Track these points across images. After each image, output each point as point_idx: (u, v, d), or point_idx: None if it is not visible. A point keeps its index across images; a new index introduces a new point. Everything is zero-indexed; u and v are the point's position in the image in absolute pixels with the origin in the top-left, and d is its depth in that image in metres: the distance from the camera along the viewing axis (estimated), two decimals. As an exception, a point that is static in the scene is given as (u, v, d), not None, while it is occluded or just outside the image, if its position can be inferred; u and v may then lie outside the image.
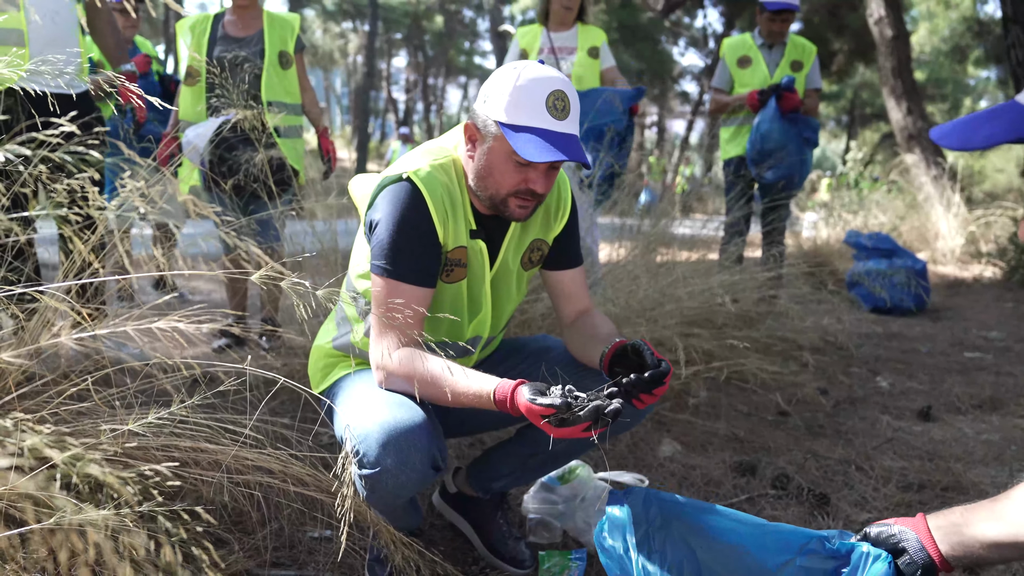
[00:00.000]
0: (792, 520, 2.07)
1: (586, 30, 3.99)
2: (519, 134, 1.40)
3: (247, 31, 3.29)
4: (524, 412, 1.27)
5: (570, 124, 1.44)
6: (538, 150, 1.38)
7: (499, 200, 1.50)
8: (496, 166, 1.47)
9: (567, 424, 1.24)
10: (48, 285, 1.48)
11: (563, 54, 3.98)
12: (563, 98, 1.42)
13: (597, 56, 3.96)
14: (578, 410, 1.23)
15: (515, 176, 1.46)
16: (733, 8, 20.52)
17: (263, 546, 1.76)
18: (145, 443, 1.55)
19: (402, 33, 32.06)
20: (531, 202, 1.50)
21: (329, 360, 1.72)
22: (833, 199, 8.98)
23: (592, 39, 3.97)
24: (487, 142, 1.47)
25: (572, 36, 3.99)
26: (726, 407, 2.98)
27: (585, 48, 3.94)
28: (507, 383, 1.32)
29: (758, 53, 4.34)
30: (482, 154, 1.48)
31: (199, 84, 3.22)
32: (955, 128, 0.97)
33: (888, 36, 9.55)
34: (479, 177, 1.51)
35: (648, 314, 2.98)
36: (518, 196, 1.48)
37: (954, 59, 23.09)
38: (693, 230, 4.31)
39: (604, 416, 1.23)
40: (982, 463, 2.52)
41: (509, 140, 1.41)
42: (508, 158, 1.45)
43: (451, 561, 1.78)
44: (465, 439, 2.44)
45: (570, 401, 1.24)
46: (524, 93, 1.41)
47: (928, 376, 3.63)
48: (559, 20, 3.96)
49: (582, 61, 3.93)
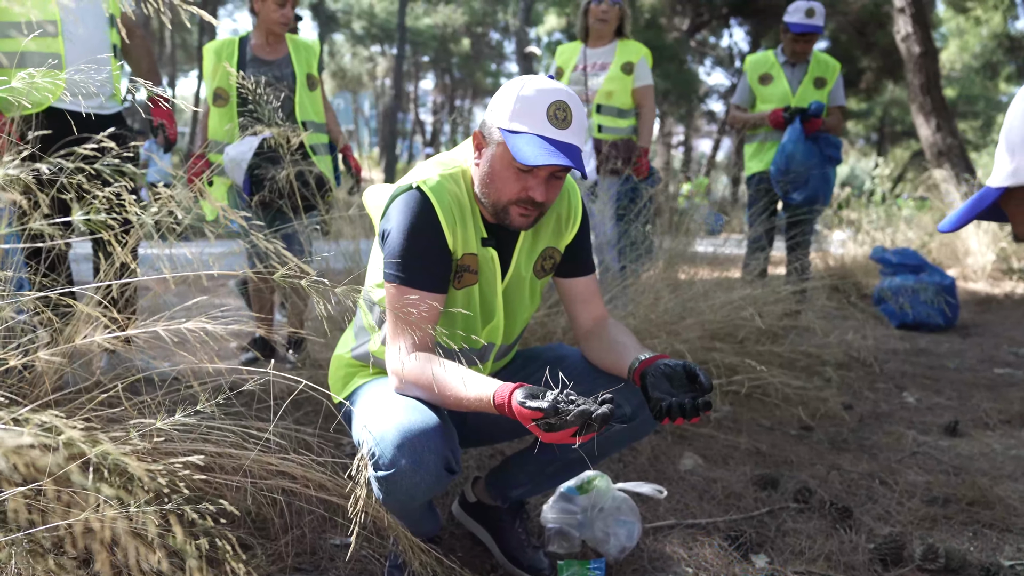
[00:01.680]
0: (814, 533, 2.06)
1: (625, 45, 3.97)
2: (518, 137, 1.45)
3: (276, 55, 3.39)
4: (516, 415, 1.29)
5: (571, 134, 1.47)
6: (533, 153, 1.42)
7: (500, 207, 1.53)
8: (498, 172, 1.50)
9: (555, 429, 1.24)
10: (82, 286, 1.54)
11: (595, 70, 3.97)
12: (564, 108, 1.46)
13: (631, 72, 3.92)
14: (565, 415, 1.23)
15: (515, 184, 1.49)
16: (759, 27, 20.53)
17: (285, 552, 1.79)
18: (172, 448, 1.60)
19: (429, 56, 32.53)
20: (532, 212, 1.53)
21: (348, 370, 1.75)
22: (861, 216, 8.88)
23: (629, 55, 3.94)
24: (491, 148, 1.52)
25: (609, 52, 3.98)
26: (748, 421, 2.97)
27: (620, 63, 3.93)
28: (506, 386, 1.34)
29: (780, 71, 4.36)
30: (486, 161, 1.53)
31: (230, 105, 3.32)
32: (952, 216, 1.01)
33: (916, 53, 9.48)
34: (483, 184, 1.54)
35: (669, 327, 2.98)
36: (519, 204, 1.51)
37: (985, 76, 22.82)
38: (716, 247, 4.32)
39: (591, 422, 1.22)
40: (1010, 478, 2.48)
41: (508, 144, 1.45)
42: (509, 165, 1.49)
43: (470, 568, 1.80)
44: (485, 449, 2.47)
45: (559, 406, 1.23)
46: (527, 102, 1.46)
47: (956, 392, 3.58)
48: (597, 36, 3.97)
49: (614, 76, 3.92)
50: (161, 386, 1.84)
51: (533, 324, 2.92)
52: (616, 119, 3.97)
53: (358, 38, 30.84)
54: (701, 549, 1.96)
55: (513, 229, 1.57)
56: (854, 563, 1.90)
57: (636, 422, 1.60)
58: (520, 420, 1.28)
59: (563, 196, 1.70)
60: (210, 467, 1.62)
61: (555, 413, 1.23)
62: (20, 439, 0.78)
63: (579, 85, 3.99)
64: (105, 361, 2.48)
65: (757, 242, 4.30)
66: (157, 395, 1.74)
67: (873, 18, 18.00)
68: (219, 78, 3.31)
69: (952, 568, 1.87)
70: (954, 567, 1.87)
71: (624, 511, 1.94)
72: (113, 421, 1.62)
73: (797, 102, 4.25)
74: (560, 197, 1.70)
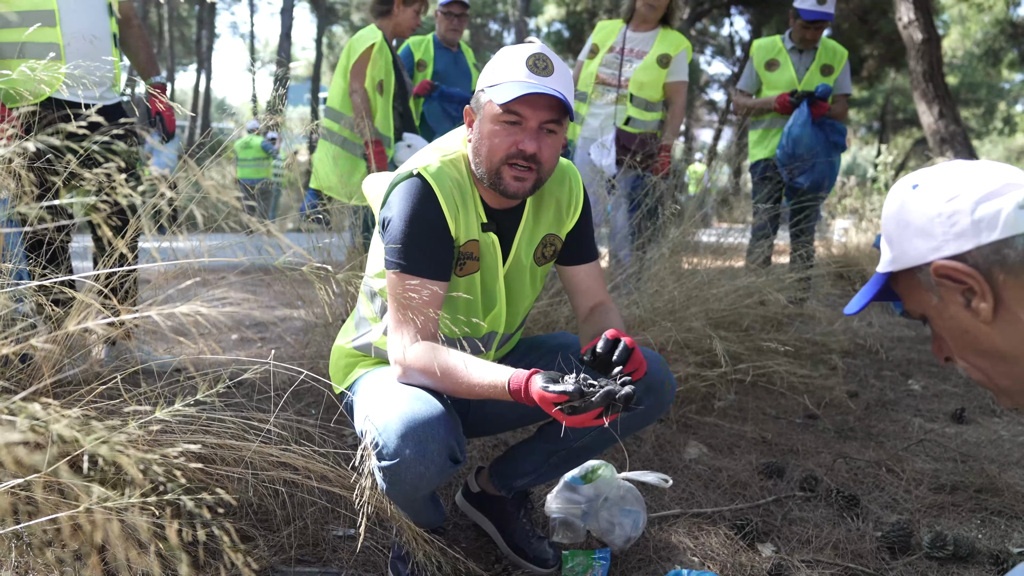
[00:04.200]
0: (820, 521, 2.04)
1: (666, 35, 3.82)
2: (499, 86, 1.45)
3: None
4: (537, 400, 1.28)
5: (554, 81, 1.45)
6: (514, 90, 1.41)
7: (494, 173, 1.49)
8: (486, 133, 1.49)
9: (579, 412, 1.24)
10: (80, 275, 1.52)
11: (630, 56, 3.83)
12: (544, 58, 1.45)
13: (667, 65, 3.79)
14: (590, 397, 1.23)
15: (505, 139, 1.47)
16: (760, 16, 20.41)
17: (287, 543, 1.77)
18: (172, 439, 1.58)
19: (429, 47, 32.33)
20: (527, 174, 1.48)
21: (349, 360, 1.73)
22: (864, 204, 8.84)
23: (668, 47, 3.79)
24: (479, 114, 1.51)
25: (649, 39, 3.83)
26: (753, 410, 2.95)
27: (656, 54, 3.79)
28: (521, 372, 1.33)
29: (787, 57, 4.29)
30: (476, 129, 1.52)
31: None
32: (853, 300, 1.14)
33: (918, 40, 9.42)
34: (476, 153, 1.52)
35: (673, 316, 2.96)
36: (512, 165, 1.48)
37: (987, 63, 22.69)
38: (720, 236, 4.28)
39: (616, 402, 1.23)
40: (1018, 465, 2.46)
41: (490, 97, 1.45)
42: (496, 119, 1.47)
43: (474, 559, 1.78)
44: (489, 440, 2.45)
45: (583, 388, 1.24)
46: (505, 59, 1.47)
47: (962, 379, 3.55)
48: (641, 19, 3.82)
49: (647, 66, 3.79)
50: (161, 377, 1.82)
51: (536, 313, 2.89)
52: (644, 112, 3.86)
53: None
54: (707, 538, 1.94)
55: (511, 196, 1.51)
56: (862, 551, 1.89)
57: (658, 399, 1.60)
58: (541, 405, 1.28)
59: (564, 183, 1.68)
60: (211, 458, 1.60)
61: (580, 395, 1.24)
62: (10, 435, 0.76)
63: (612, 69, 3.87)
64: (105, 352, 2.46)
65: (761, 230, 4.26)
66: (157, 386, 1.72)
67: (875, 5, 17.88)
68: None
69: (960, 556, 1.85)
70: (963, 555, 1.85)
71: (629, 500, 1.92)
72: (112, 412, 1.60)
73: (803, 89, 4.20)
74: (561, 183, 1.67)
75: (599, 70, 3.90)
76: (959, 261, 0.96)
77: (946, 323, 1.02)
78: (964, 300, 0.98)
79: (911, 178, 1.04)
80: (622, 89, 3.84)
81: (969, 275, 0.95)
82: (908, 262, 1.03)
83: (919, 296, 1.05)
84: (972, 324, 0.98)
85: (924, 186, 1.01)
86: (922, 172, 1.04)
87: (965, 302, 0.98)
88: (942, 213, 0.97)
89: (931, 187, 1.00)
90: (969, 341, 1.01)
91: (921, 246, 1.00)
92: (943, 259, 0.97)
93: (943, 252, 0.97)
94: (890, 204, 1.06)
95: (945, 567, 1.83)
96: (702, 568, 1.81)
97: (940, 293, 1.00)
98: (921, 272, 1.02)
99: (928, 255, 0.99)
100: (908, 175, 1.06)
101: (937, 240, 0.98)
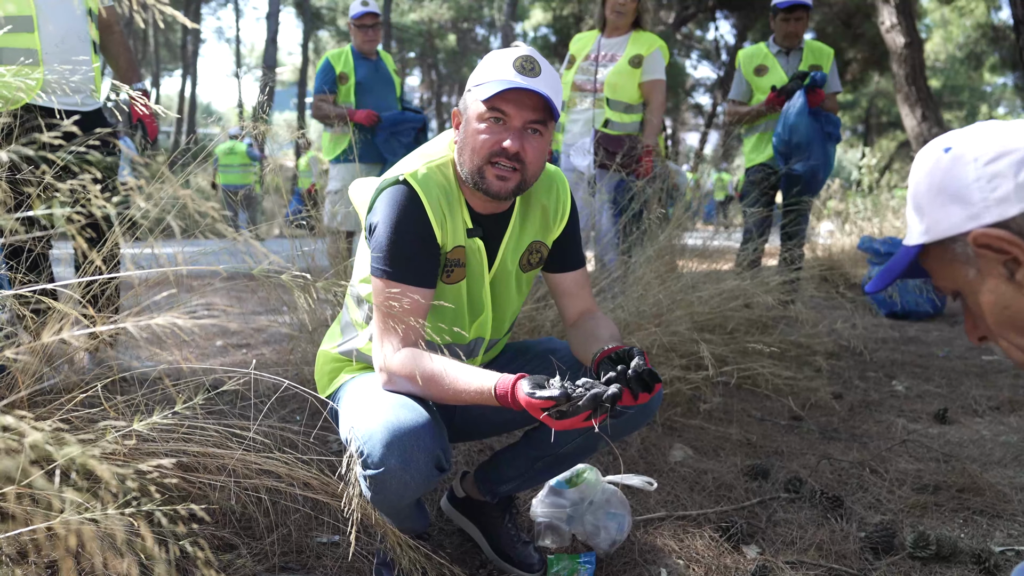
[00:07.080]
0: (805, 523, 2.05)
1: (638, 37, 3.86)
2: (485, 84, 1.46)
3: None
4: (524, 406, 1.28)
5: (541, 83, 1.45)
6: (499, 87, 1.42)
7: (477, 173, 1.49)
8: (472, 132, 1.49)
9: (567, 416, 1.24)
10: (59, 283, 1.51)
11: (604, 61, 3.88)
12: (531, 60, 1.45)
13: (639, 65, 3.81)
14: (577, 400, 1.23)
15: (489, 137, 1.46)
16: (745, 20, 20.54)
17: (271, 551, 1.76)
18: (153, 448, 1.57)
19: (415, 52, 32.37)
20: (509, 174, 1.48)
21: (335, 365, 1.73)
22: (848, 206, 8.90)
23: (640, 47, 3.83)
24: (465, 115, 1.52)
25: (621, 43, 3.88)
26: (738, 412, 2.96)
27: (628, 56, 3.82)
28: (508, 378, 1.33)
29: (774, 60, 4.29)
30: (462, 129, 1.52)
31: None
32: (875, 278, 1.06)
33: (901, 43, 9.51)
34: (460, 153, 1.52)
35: (659, 319, 2.97)
36: (494, 165, 1.47)
37: (969, 66, 22.95)
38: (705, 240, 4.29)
39: (603, 403, 1.23)
40: (1000, 464, 2.48)
41: (476, 94, 1.46)
42: (481, 116, 1.47)
43: (459, 564, 1.77)
44: (474, 445, 2.44)
45: (569, 392, 1.24)
46: (493, 62, 1.48)
47: (945, 379, 3.58)
48: (613, 26, 3.89)
49: (620, 69, 3.81)
50: (143, 385, 1.81)
51: (522, 318, 2.90)
52: (622, 114, 3.86)
53: (343, 35, 30.65)
54: (692, 541, 1.95)
55: (494, 196, 1.50)
56: (845, 552, 1.89)
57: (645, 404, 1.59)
58: (528, 410, 1.27)
59: (551, 190, 1.68)
60: (193, 467, 1.59)
61: (566, 400, 1.23)
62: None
63: (587, 75, 3.91)
64: (88, 360, 2.44)
65: (751, 233, 4.26)
66: (138, 395, 1.71)
67: (859, 9, 18.05)
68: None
69: (943, 555, 1.86)
70: (945, 554, 1.86)
71: (614, 504, 1.92)
72: (92, 421, 1.58)
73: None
74: (548, 190, 1.67)
75: (575, 78, 3.96)
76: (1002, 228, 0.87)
77: (984, 298, 0.92)
78: (1007, 272, 0.89)
79: (942, 140, 0.95)
80: (598, 93, 3.87)
81: (1015, 243, 0.86)
82: (942, 232, 0.93)
83: (953, 270, 0.95)
84: (1015, 299, 0.89)
85: (958, 149, 0.92)
86: (953, 134, 0.95)
87: (1008, 274, 0.89)
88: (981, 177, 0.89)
89: (967, 149, 0.91)
90: (1010, 317, 0.91)
91: (957, 214, 0.91)
92: (983, 227, 0.89)
93: (983, 220, 0.89)
94: (919, 170, 0.97)
95: (928, 567, 1.85)
96: (687, 570, 1.82)
97: (979, 265, 0.92)
98: (957, 243, 0.93)
99: (966, 224, 0.90)
100: (937, 138, 0.97)
101: (976, 207, 0.89)
